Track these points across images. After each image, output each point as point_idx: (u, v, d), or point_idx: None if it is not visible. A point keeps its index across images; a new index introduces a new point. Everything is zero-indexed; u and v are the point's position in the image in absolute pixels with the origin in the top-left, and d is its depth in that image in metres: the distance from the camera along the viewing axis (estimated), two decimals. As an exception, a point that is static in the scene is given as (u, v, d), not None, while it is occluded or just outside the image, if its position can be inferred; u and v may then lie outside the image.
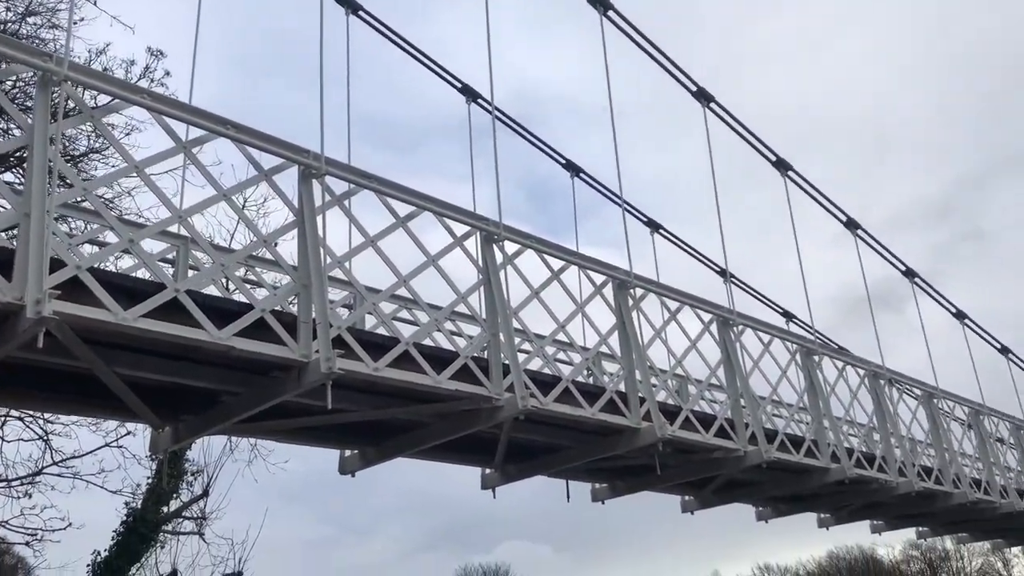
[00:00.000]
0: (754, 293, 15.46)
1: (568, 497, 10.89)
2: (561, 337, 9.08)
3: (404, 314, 10.10)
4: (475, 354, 7.77)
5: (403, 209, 7.50)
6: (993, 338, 19.23)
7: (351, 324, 6.99)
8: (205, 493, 17.70)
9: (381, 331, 8.14)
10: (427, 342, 8.38)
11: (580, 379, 10.36)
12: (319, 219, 6.66)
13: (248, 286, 7.28)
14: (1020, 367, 20.11)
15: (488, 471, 10.23)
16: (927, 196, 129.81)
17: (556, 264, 8.80)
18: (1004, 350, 19.54)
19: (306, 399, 7.06)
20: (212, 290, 8.42)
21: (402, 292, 8.10)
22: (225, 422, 7.17)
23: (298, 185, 6.73)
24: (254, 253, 8.60)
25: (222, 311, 6.16)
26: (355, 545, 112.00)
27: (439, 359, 7.42)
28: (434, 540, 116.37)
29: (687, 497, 12.89)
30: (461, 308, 8.01)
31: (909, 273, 16.16)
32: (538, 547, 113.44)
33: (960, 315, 17.85)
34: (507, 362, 7.80)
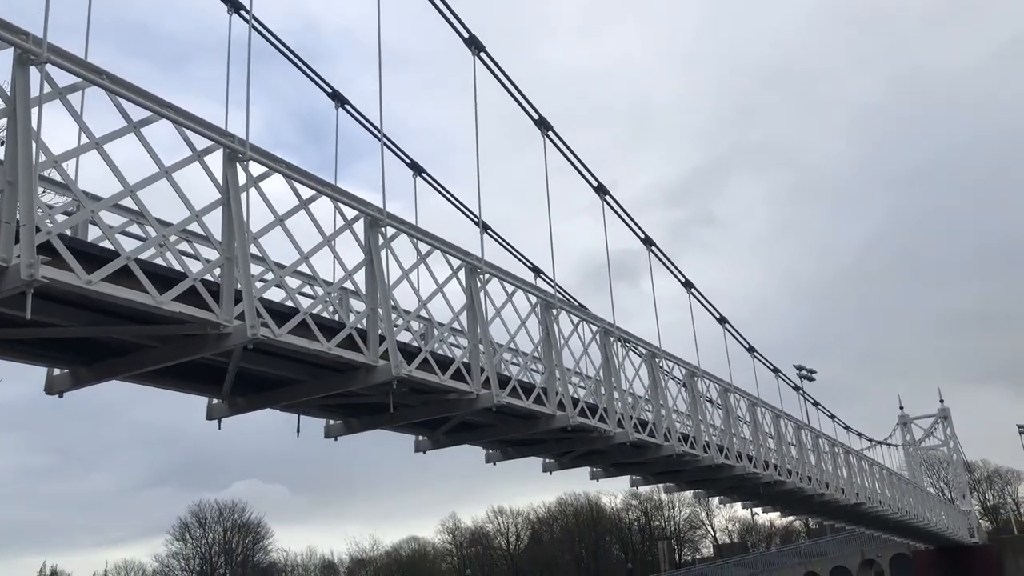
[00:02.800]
0: (507, 246, 15.95)
1: (298, 432, 10.77)
2: (305, 270, 8.88)
3: (135, 230, 9.41)
4: (207, 277, 7.41)
5: (139, 114, 6.94)
6: (715, 308, 21.17)
7: (64, 231, 6.41)
8: None
9: (107, 245, 7.55)
10: (159, 262, 7.90)
11: (326, 315, 10.21)
12: (34, 111, 6.01)
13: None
14: (733, 336, 22.32)
15: (215, 401, 9.86)
16: (670, 179, 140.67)
17: (306, 193, 8.56)
18: (722, 320, 21.59)
19: (5, 308, 6.44)
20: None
21: (131, 205, 7.56)
22: (-97, 327, 6.37)
23: (12, 70, 6.03)
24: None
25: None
26: (78, 477, 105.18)
27: (165, 279, 7.01)
28: (164, 475, 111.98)
29: (420, 437, 13.18)
30: (197, 229, 7.58)
31: (647, 241, 17.32)
32: (273, 487, 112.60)
33: (688, 284, 19.44)
34: (241, 288, 7.49)
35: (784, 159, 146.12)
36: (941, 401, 58.51)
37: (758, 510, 30.91)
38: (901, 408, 58.62)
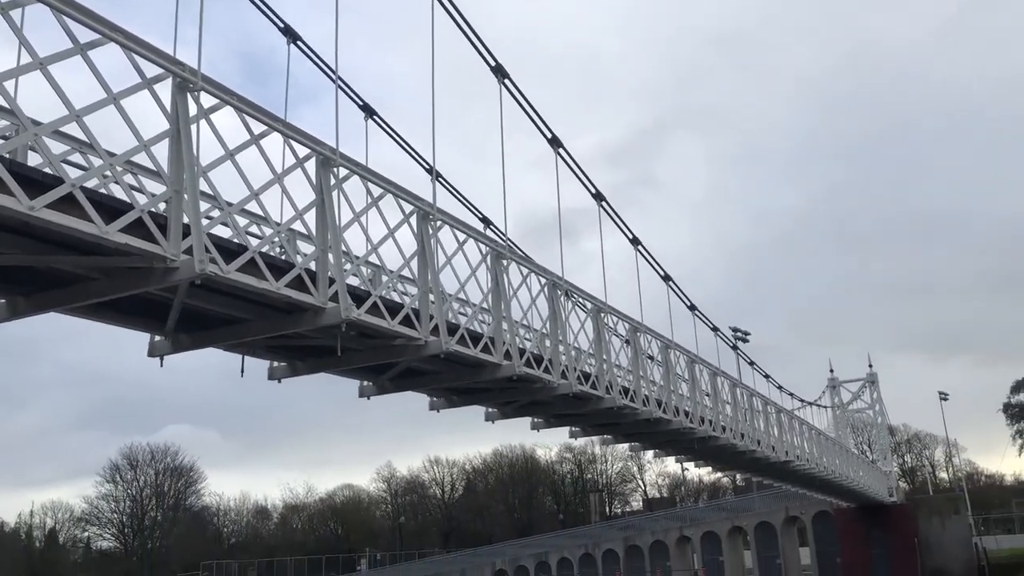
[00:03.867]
0: (458, 195, 15.82)
1: (242, 372, 10.63)
2: (255, 208, 8.69)
3: (78, 159, 9.09)
4: (154, 209, 7.20)
5: (86, 36, 6.65)
6: (659, 266, 21.40)
7: (4, 154, 6.15)
8: None
9: (49, 171, 7.27)
10: (105, 192, 7.65)
11: (273, 254, 10.03)
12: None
13: None
14: (676, 294, 22.63)
15: (158, 338, 9.66)
16: (612, 140, 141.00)
17: (257, 128, 8.33)
18: (666, 277, 21.86)
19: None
20: None
21: (76, 133, 7.29)
22: None
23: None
24: None
25: None
26: (3, 416, 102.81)
27: (112, 209, 6.80)
28: (94, 418, 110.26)
29: (365, 383, 13.12)
30: (145, 161, 7.34)
31: (598, 196, 17.35)
32: (205, 432, 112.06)
33: (635, 241, 19.59)
34: (189, 223, 7.30)
35: (727, 124, 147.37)
36: (870, 366, 60.31)
37: (690, 464, 31.60)
38: (831, 371, 60.32)
